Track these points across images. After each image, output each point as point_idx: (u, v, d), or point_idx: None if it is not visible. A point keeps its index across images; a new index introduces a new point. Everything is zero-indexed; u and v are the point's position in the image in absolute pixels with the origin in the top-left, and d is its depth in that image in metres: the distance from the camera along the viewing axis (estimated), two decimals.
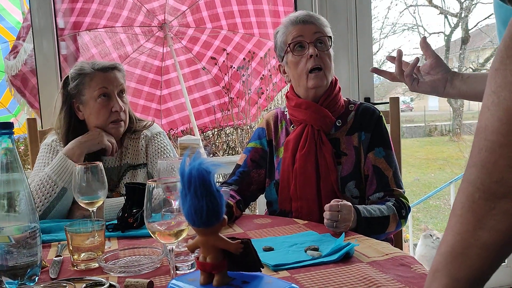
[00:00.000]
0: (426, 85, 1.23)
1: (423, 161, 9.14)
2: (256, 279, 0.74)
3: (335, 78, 1.58)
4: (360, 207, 1.32)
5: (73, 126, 1.64)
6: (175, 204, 0.98)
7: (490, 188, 0.49)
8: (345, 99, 1.60)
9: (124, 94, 1.68)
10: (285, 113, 1.63)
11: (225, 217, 0.73)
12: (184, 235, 0.86)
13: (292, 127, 1.58)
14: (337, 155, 1.50)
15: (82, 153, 1.56)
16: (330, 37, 1.53)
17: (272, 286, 0.72)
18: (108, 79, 1.63)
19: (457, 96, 1.20)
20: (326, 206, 1.23)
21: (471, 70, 9.81)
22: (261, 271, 0.77)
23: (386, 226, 1.37)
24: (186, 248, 1.02)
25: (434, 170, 8.64)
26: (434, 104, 12.71)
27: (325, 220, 1.22)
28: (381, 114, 1.54)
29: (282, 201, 1.52)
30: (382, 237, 1.38)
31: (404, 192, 1.48)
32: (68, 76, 1.67)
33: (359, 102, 1.58)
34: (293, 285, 0.72)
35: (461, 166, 7.76)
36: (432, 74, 1.21)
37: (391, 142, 1.54)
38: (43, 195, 1.47)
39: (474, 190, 0.50)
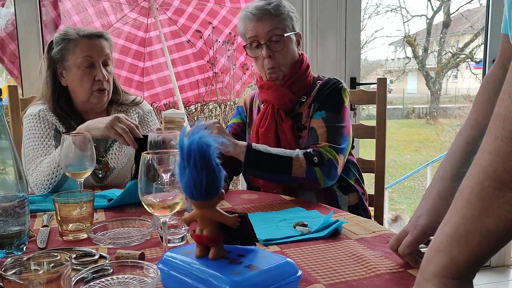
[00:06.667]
0: None
1: (400, 142, 9.30)
2: (251, 253, 0.75)
3: (303, 56, 1.59)
4: (255, 144, 1.40)
5: (58, 93, 1.62)
6: (166, 177, 0.98)
7: (502, 178, 0.49)
8: (316, 76, 1.62)
9: (109, 64, 1.65)
10: None
11: (223, 190, 0.73)
12: (178, 207, 0.86)
13: (262, 105, 1.63)
14: (298, 129, 1.54)
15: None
16: (283, 35, 1.50)
17: (267, 259, 0.73)
18: (93, 47, 1.59)
19: None
20: None
21: (450, 54, 9.92)
22: (255, 245, 0.78)
23: (289, 168, 1.36)
24: (176, 222, 1.03)
25: (410, 152, 8.81)
26: (413, 86, 12.87)
27: None
28: (342, 85, 1.53)
29: (253, 177, 1.57)
30: (293, 183, 1.39)
31: (333, 148, 1.42)
32: (52, 40, 1.63)
33: (327, 78, 1.59)
34: (288, 259, 0.73)
35: (437, 148, 7.93)
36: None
37: (343, 108, 1.50)
38: (51, 178, 1.45)
39: (484, 178, 0.50)
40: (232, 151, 1.34)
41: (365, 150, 3.45)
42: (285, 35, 1.52)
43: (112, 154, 1.63)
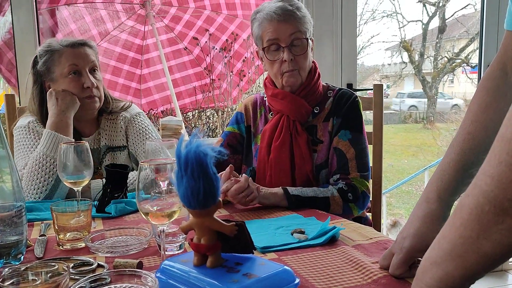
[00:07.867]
0: None
1: (397, 147, 9.30)
2: (249, 261, 0.75)
3: (314, 64, 1.55)
4: (289, 188, 1.37)
5: (46, 107, 1.58)
6: (164, 185, 0.98)
7: (502, 204, 0.48)
8: (324, 84, 1.58)
9: (96, 71, 1.62)
10: (265, 99, 1.61)
11: (220, 199, 0.73)
12: (175, 216, 0.86)
13: (271, 114, 1.57)
14: (313, 143, 1.50)
15: (68, 123, 1.51)
16: (307, 38, 1.47)
17: (265, 268, 0.73)
18: (78, 55, 1.57)
19: None
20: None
21: (446, 59, 9.96)
22: (253, 253, 0.78)
23: (328, 207, 1.37)
24: (174, 230, 1.03)
25: (408, 156, 8.81)
26: (410, 91, 12.89)
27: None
28: (358, 99, 1.53)
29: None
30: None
31: (363, 176, 1.45)
32: (36, 55, 1.61)
33: (337, 88, 1.56)
34: (286, 267, 0.73)
35: (434, 153, 7.94)
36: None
37: (363, 126, 1.51)
38: (45, 174, 1.42)
39: (484, 202, 0.49)
40: (273, 201, 1.34)
41: None
42: (309, 38, 1.47)
43: (106, 164, 1.62)
